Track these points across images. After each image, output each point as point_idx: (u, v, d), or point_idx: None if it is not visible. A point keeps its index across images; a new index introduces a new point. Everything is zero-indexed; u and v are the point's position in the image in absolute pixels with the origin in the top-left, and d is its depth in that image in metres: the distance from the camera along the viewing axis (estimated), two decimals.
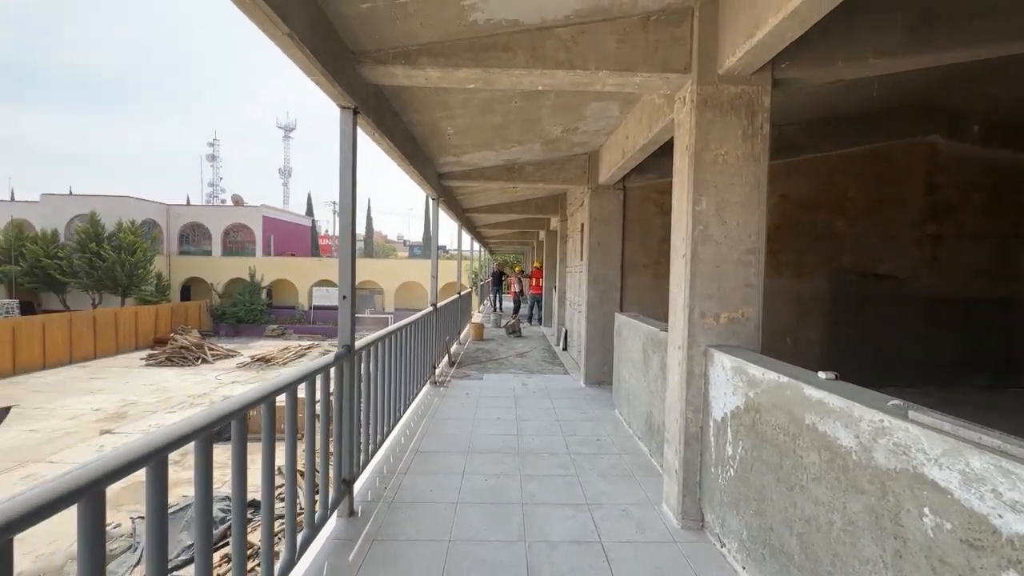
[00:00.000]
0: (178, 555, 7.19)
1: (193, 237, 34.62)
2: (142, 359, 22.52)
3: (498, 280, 16.36)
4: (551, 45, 2.74)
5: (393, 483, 3.31)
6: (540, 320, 13.35)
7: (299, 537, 2.20)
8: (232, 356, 23.61)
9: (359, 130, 2.90)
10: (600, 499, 3.14)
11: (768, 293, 2.81)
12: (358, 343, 2.93)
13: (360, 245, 57.39)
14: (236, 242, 34.91)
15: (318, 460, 2.39)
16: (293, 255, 36.10)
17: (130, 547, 7.53)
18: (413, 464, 3.66)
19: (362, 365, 3.07)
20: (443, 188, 6.40)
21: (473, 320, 12.19)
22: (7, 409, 7.90)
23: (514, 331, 11.03)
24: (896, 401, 1.56)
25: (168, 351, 22.41)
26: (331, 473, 2.61)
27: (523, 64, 2.73)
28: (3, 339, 18.88)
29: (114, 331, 23.86)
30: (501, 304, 16.11)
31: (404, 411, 4.40)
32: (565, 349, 8.76)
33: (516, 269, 15.28)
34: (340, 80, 2.50)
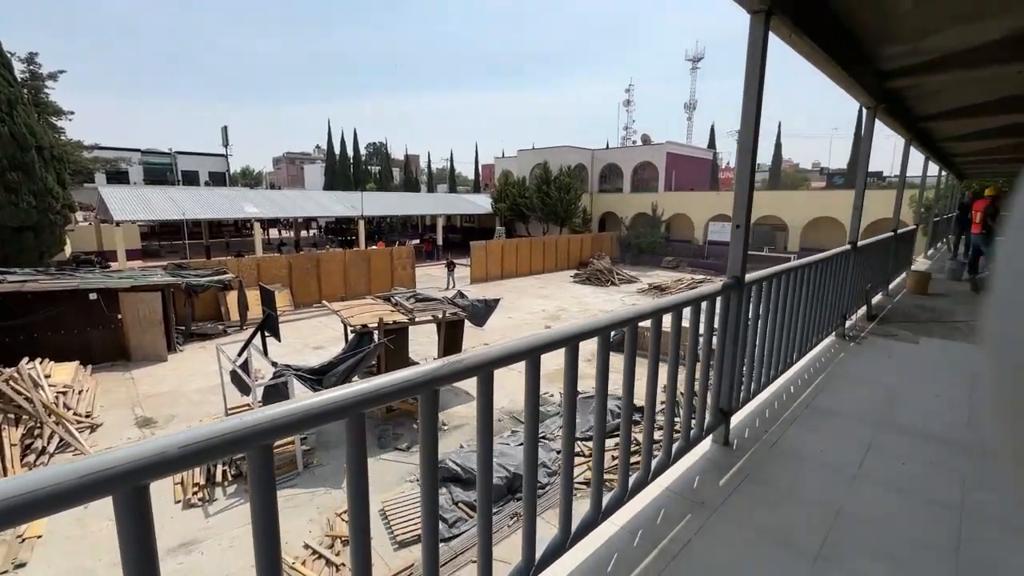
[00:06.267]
0: (587, 430, 9.20)
1: (609, 177, 40.04)
2: (570, 277, 28.62)
3: (964, 215, 11.63)
4: None
5: (776, 430, 3.09)
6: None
7: (674, 446, 2.40)
8: (633, 282, 26.81)
9: (772, 36, 2.54)
10: None
11: None
12: (749, 276, 2.77)
13: (764, 176, 52.07)
14: (643, 179, 38.18)
15: (697, 384, 2.49)
16: (692, 190, 36.53)
17: (557, 413, 10.14)
18: (802, 417, 3.29)
19: (751, 300, 2.89)
20: (884, 92, 4.91)
21: (914, 267, 9.31)
22: (497, 300, 11.78)
23: (983, 287, 7.77)
24: None
25: (587, 272, 27.57)
26: (708, 400, 2.66)
27: None
28: (495, 256, 27.82)
29: (554, 253, 31.11)
30: (968, 248, 11.56)
31: (797, 358, 3.94)
32: None
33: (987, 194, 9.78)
34: None
